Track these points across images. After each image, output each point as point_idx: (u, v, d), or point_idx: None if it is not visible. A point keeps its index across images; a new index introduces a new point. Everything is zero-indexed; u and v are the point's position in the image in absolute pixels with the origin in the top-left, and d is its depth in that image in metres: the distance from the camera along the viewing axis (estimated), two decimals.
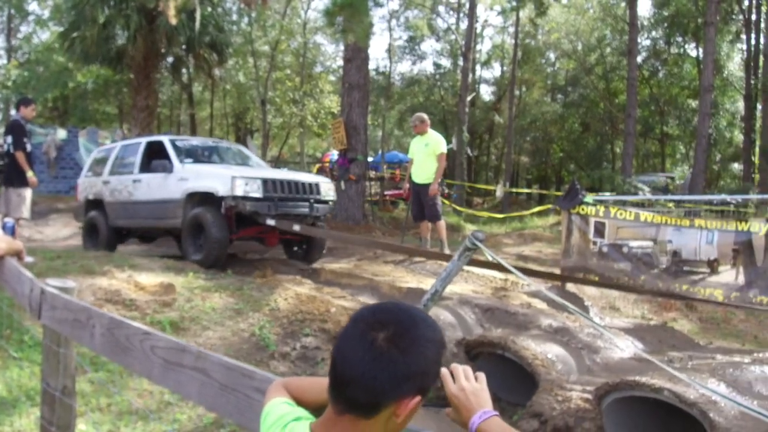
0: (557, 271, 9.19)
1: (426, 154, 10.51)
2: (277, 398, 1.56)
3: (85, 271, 7.65)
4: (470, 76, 31.60)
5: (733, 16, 30.30)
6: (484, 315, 6.97)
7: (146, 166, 10.78)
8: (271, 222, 9.34)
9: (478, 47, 40.66)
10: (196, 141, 12.17)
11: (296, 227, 9.34)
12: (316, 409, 1.47)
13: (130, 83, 23.92)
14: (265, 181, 9.48)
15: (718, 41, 26.55)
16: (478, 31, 37.89)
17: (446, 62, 42.12)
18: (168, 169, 10.12)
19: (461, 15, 37.49)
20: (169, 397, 4.92)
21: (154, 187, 10.34)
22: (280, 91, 35.20)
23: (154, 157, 10.74)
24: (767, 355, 6.32)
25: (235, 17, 31.99)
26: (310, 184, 10.10)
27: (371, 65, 33.24)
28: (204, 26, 20.74)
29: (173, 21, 17.46)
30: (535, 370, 5.32)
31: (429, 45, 57.84)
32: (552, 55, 41.63)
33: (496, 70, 45.52)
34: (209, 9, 22.54)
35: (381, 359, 1.28)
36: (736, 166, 34.34)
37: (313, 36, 36.61)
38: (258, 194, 9.30)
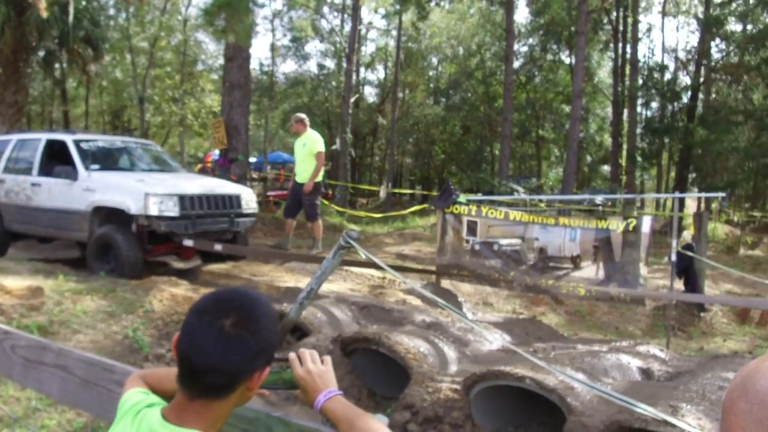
0: (433, 268, 9.48)
1: (305, 154, 10.61)
2: (134, 389, 1.62)
3: None
4: (354, 77, 31.85)
5: (603, 27, 31.90)
6: (361, 312, 7.12)
7: (46, 168, 9.78)
8: (188, 243, 8.80)
9: (362, 49, 41.01)
10: (103, 141, 10.81)
11: (217, 247, 8.80)
12: (172, 397, 1.53)
13: None
14: (181, 198, 8.75)
15: (588, 50, 27.92)
16: (362, 33, 38.23)
17: (330, 63, 42.32)
18: (72, 176, 9.21)
19: (345, 17, 37.75)
20: (36, 402, 4.79)
21: (56, 194, 9.44)
22: (159, 89, 34.36)
23: (56, 158, 9.83)
24: (624, 344, 6.79)
25: (112, 12, 31.02)
26: (230, 197, 9.49)
27: (254, 64, 32.99)
28: (78, 20, 20.00)
29: (44, 14, 16.78)
30: (407, 364, 5.49)
31: (313, 46, 57.93)
32: (434, 59, 42.48)
33: (379, 73, 46.10)
34: (84, 2, 21.77)
35: (232, 343, 1.38)
36: (606, 168, 36.18)
37: (194, 33, 35.93)
38: (174, 213, 8.61)
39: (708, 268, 10.84)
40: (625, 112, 30.77)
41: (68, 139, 9.96)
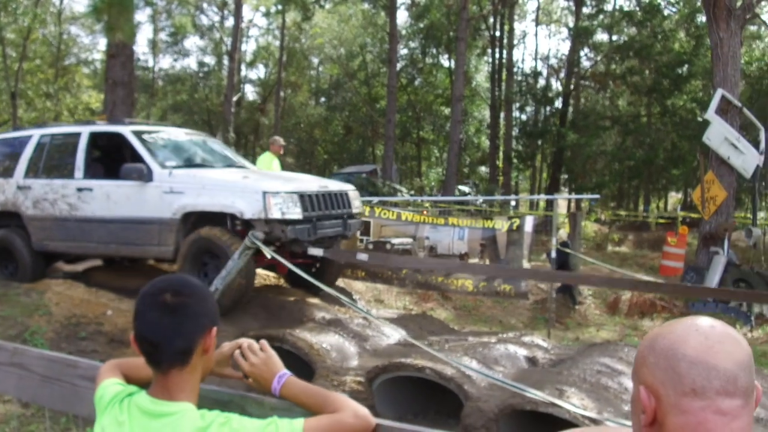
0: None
1: None
2: (108, 380, 1.74)
3: None
4: (236, 76, 31.56)
5: (481, 33, 33.02)
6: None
7: (93, 169, 8.10)
8: (317, 252, 7.13)
9: (244, 47, 40.65)
10: (165, 132, 8.53)
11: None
12: (147, 384, 1.66)
13: None
14: (302, 197, 7.10)
15: (467, 55, 28.84)
16: (244, 31, 37.86)
17: (210, 60, 41.65)
18: (145, 176, 7.28)
19: (226, 13, 37.30)
20: None
21: (120, 200, 7.50)
22: (31, 83, 32.77)
23: (104, 156, 8.36)
24: (510, 335, 7.27)
25: None
26: (340, 195, 7.79)
27: None
28: None
29: None
30: (311, 359, 5.72)
31: (193, 42, 56.61)
32: (316, 60, 42.58)
33: (261, 71, 45.76)
34: None
35: (178, 309, 1.58)
36: (483, 169, 37.44)
37: (68, 26, 34.53)
38: (297, 215, 6.95)
39: (581, 263, 11.61)
40: (502, 115, 32.01)
41: (125, 129, 7.93)
